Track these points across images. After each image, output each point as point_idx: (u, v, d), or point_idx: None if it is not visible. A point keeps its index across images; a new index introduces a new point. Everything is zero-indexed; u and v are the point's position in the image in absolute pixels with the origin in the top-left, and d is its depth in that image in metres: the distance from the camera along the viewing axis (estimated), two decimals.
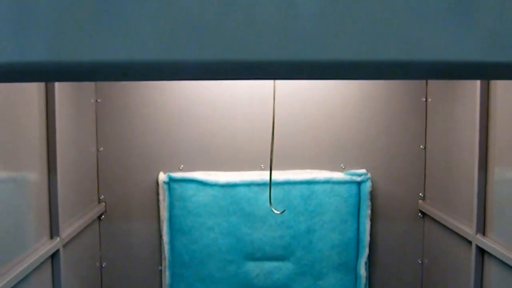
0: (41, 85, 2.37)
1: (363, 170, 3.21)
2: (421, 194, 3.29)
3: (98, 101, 3.18)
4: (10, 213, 2.04)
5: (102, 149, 3.20)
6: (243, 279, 3.19)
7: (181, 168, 3.22)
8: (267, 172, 2.90)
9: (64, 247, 2.52)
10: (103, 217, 3.24)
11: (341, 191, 3.17)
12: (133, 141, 3.21)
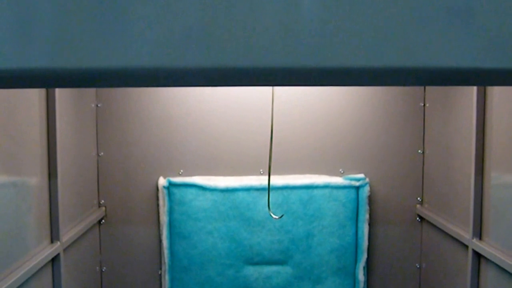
0: (42, 90, 2.39)
1: (362, 175, 3.23)
2: (419, 198, 3.31)
3: (98, 106, 3.20)
4: (11, 217, 2.05)
5: (102, 153, 3.21)
6: (242, 283, 3.20)
7: (180, 173, 3.24)
8: (266, 177, 2.91)
9: (64, 251, 2.54)
10: (103, 221, 3.25)
11: (340, 195, 3.18)
12: (133, 146, 3.22)
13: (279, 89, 3.01)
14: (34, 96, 2.31)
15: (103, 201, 3.25)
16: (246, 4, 0.83)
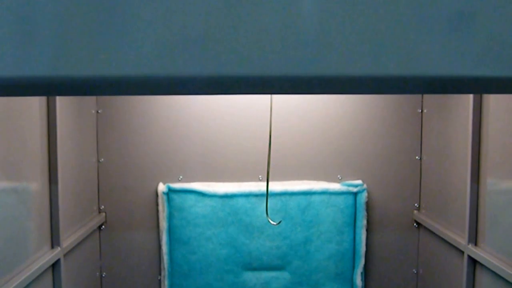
0: (43, 97, 2.41)
1: (359, 181, 3.25)
2: (416, 204, 3.32)
3: (99, 112, 3.22)
4: (11, 223, 2.07)
5: (102, 159, 3.23)
6: None
7: (180, 179, 3.26)
8: (265, 183, 2.93)
9: (64, 256, 2.55)
10: (103, 227, 3.27)
11: (338, 201, 3.20)
12: (133, 152, 3.24)
13: (277, 96, 3.03)
14: (35, 102, 2.33)
15: (103, 207, 3.26)
16: (245, 14, 0.85)
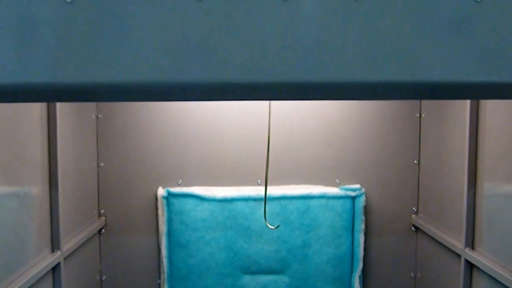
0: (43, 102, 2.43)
1: (358, 185, 3.26)
2: (414, 208, 3.33)
3: (99, 117, 3.24)
4: (12, 227, 2.09)
5: (102, 164, 3.25)
6: None
7: (179, 183, 3.27)
8: (264, 187, 2.94)
9: (65, 260, 2.56)
10: (103, 231, 3.28)
11: (336, 205, 3.21)
12: (133, 156, 3.26)
13: (276, 101, 3.04)
14: (35, 107, 2.35)
15: (103, 211, 3.28)
16: (244, 22, 0.87)
